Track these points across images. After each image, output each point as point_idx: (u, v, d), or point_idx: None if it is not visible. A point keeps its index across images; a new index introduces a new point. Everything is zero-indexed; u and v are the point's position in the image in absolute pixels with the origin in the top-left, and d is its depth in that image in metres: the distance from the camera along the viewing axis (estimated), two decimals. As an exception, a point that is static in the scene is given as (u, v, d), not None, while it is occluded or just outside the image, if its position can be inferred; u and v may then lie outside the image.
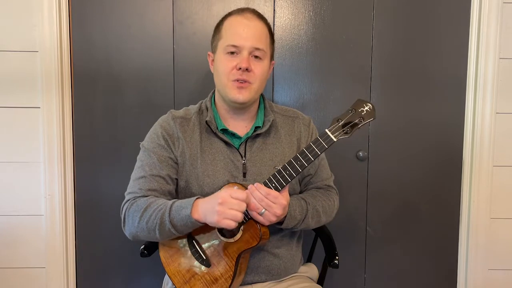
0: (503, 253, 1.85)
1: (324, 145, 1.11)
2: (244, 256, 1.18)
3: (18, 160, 1.73)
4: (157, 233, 1.15)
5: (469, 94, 1.80)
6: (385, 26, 1.77)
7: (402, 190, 1.85)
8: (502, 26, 1.74)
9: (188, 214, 1.10)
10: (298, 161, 1.12)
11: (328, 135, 1.10)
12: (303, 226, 1.25)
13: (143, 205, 1.17)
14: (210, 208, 1.08)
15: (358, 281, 1.89)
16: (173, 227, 1.13)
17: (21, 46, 1.69)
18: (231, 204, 1.05)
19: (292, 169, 1.12)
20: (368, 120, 1.11)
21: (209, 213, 1.08)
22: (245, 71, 1.20)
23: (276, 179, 1.13)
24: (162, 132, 1.27)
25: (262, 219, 1.13)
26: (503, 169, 1.81)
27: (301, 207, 1.23)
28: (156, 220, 1.13)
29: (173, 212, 1.12)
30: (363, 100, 1.13)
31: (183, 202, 1.14)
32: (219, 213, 1.05)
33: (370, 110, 1.11)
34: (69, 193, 1.77)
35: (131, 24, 1.74)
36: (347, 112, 1.12)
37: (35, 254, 1.78)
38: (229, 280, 1.16)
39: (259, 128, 1.29)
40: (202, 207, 1.10)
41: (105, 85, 1.76)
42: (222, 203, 1.05)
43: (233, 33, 1.22)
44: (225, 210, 1.05)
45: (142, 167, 1.25)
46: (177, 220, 1.12)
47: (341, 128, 1.10)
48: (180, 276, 1.22)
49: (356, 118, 1.11)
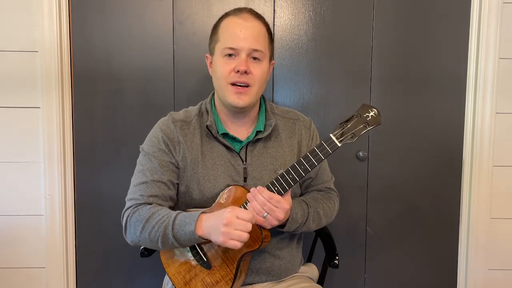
0: (503, 253, 1.85)
1: (329, 150, 1.10)
2: (245, 259, 1.18)
3: (18, 160, 1.73)
4: (159, 245, 1.14)
5: (469, 94, 1.80)
6: (385, 26, 1.77)
7: (402, 190, 1.85)
8: (502, 26, 1.74)
9: (192, 231, 1.08)
10: (301, 166, 1.11)
11: (332, 140, 1.10)
12: (304, 229, 1.25)
13: (145, 215, 1.15)
14: (215, 228, 1.06)
15: (358, 281, 1.89)
16: (176, 241, 1.12)
17: (21, 46, 1.69)
18: (237, 225, 1.04)
19: (295, 173, 1.12)
20: (373, 125, 1.10)
21: (214, 232, 1.06)
22: (244, 74, 1.18)
23: (279, 183, 1.12)
24: (163, 136, 1.25)
25: (264, 223, 1.12)
26: (503, 169, 1.81)
27: (303, 210, 1.23)
28: (159, 233, 1.12)
29: (177, 227, 1.11)
30: (368, 105, 1.12)
31: (187, 217, 1.12)
32: (224, 234, 1.04)
33: (375, 115, 1.10)
34: (69, 193, 1.77)
35: (131, 24, 1.74)
36: (352, 117, 1.11)
37: (35, 254, 1.78)
38: (229, 282, 1.16)
39: (261, 133, 1.28)
40: (206, 225, 1.09)
41: (105, 85, 1.76)
42: (228, 224, 1.04)
43: (230, 35, 1.20)
44: (231, 231, 1.03)
45: (143, 172, 1.23)
46: (181, 235, 1.11)
47: (346, 133, 1.09)
48: (181, 277, 1.21)
49: (361, 123, 1.10)
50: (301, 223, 1.22)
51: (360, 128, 1.10)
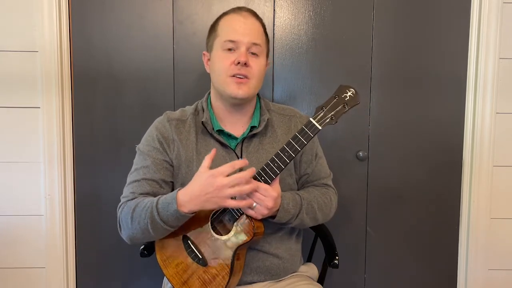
0: (503, 253, 1.85)
1: (310, 134, 1.11)
2: (240, 252, 1.18)
3: (18, 160, 1.73)
4: (151, 232, 1.15)
5: (469, 94, 1.80)
6: (385, 26, 1.77)
7: (402, 190, 1.85)
8: (502, 26, 1.74)
9: (176, 209, 1.09)
10: (285, 153, 1.12)
11: (313, 124, 1.10)
12: (298, 222, 1.24)
13: (132, 206, 1.17)
14: (204, 199, 1.07)
15: (358, 281, 1.89)
16: (165, 224, 1.12)
17: (21, 46, 1.69)
18: (228, 183, 1.05)
19: (280, 160, 1.12)
20: (353, 105, 1.11)
21: (207, 204, 1.08)
22: (244, 66, 1.20)
23: (265, 172, 1.13)
24: (158, 135, 1.27)
25: (254, 213, 1.13)
26: (503, 169, 1.81)
27: (295, 201, 1.22)
28: (147, 219, 1.13)
29: (161, 209, 1.11)
30: (346, 85, 1.12)
31: (167, 197, 1.13)
32: (222, 200, 1.06)
33: (353, 95, 1.11)
34: (69, 193, 1.77)
35: (131, 24, 1.74)
36: (330, 99, 1.12)
37: (35, 254, 1.78)
38: (226, 277, 1.16)
39: (255, 128, 1.29)
40: (185, 200, 1.09)
41: (105, 85, 1.76)
42: (220, 188, 1.05)
43: (230, 29, 1.23)
44: (226, 192, 1.05)
45: (137, 171, 1.25)
46: (167, 216, 1.11)
47: (325, 116, 1.10)
48: (178, 277, 1.21)
49: (340, 104, 1.11)
50: (294, 214, 1.21)
51: (340, 109, 1.10)
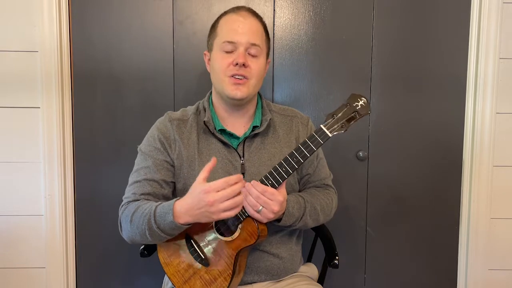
0: (503, 253, 1.85)
1: (320, 141, 1.10)
2: (242, 254, 1.18)
3: (18, 160, 1.73)
4: (149, 238, 1.15)
5: (469, 94, 1.80)
6: (385, 26, 1.77)
7: (402, 190, 1.85)
8: (502, 26, 1.74)
9: (172, 221, 1.08)
10: (294, 158, 1.12)
11: (323, 131, 1.10)
12: (301, 224, 1.24)
13: (132, 209, 1.18)
14: (199, 215, 1.06)
15: (358, 281, 1.89)
16: (163, 233, 1.12)
17: (21, 46, 1.69)
18: (221, 197, 1.03)
19: (288, 165, 1.12)
20: (363, 114, 1.10)
21: (202, 217, 1.07)
22: (242, 67, 1.20)
23: (273, 176, 1.13)
24: (159, 135, 1.27)
25: (260, 217, 1.13)
26: (503, 169, 1.81)
27: (299, 204, 1.23)
28: (144, 226, 1.13)
29: (158, 219, 1.11)
30: (357, 94, 1.11)
31: (165, 207, 1.11)
32: (215, 213, 1.04)
33: (364, 104, 1.10)
34: (69, 193, 1.77)
35: (131, 24, 1.74)
36: (341, 107, 1.11)
37: (35, 254, 1.78)
38: (228, 278, 1.16)
39: (257, 128, 1.29)
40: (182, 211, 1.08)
41: (105, 85, 1.76)
42: (212, 203, 1.03)
43: (229, 30, 1.23)
44: (219, 206, 1.03)
45: (138, 171, 1.25)
46: (164, 226, 1.11)
47: (336, 123, 1.10)
48: (179, 276, 1.21)
49: (350, 112, 1.10)
50: (298, 217, 1.22)
51: (350, 118, 1.10)
